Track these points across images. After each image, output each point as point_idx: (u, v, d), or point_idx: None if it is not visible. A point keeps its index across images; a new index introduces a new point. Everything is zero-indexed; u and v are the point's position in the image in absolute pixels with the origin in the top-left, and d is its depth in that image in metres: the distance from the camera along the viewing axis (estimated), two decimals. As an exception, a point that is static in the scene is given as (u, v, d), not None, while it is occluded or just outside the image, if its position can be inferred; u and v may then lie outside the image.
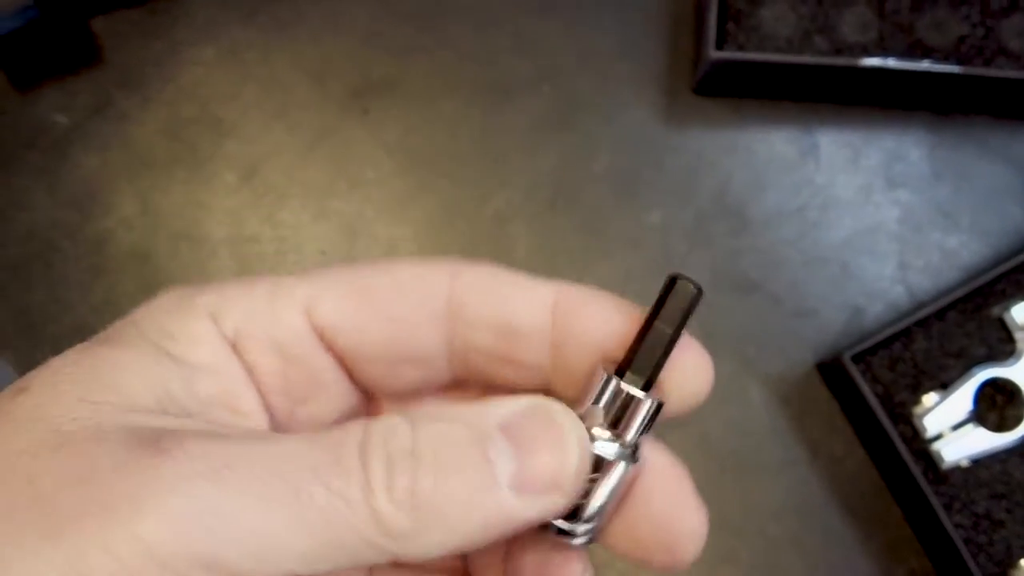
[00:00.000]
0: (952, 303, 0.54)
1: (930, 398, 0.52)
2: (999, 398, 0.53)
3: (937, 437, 0.51)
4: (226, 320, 0.24)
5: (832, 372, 0.55)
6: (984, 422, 0.52)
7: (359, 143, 0.58)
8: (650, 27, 0.59)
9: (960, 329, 0.54)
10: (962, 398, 0.52)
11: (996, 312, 0.53)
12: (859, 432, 0.55)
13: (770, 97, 0.58)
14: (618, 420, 0.24)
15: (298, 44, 0.59)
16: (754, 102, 0.58)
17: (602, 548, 0.25)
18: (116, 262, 0.57)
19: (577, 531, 0.24)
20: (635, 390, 0.24)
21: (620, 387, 0.24)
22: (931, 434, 0.51)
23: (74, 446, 0.20)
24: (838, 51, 0.55)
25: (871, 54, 0.55)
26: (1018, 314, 0.52)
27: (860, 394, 0.52)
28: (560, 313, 0.25)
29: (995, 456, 0.52)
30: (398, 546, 0.21)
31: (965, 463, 0.52)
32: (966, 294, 0.53)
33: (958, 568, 0.50)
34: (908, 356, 0.54)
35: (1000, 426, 0.52)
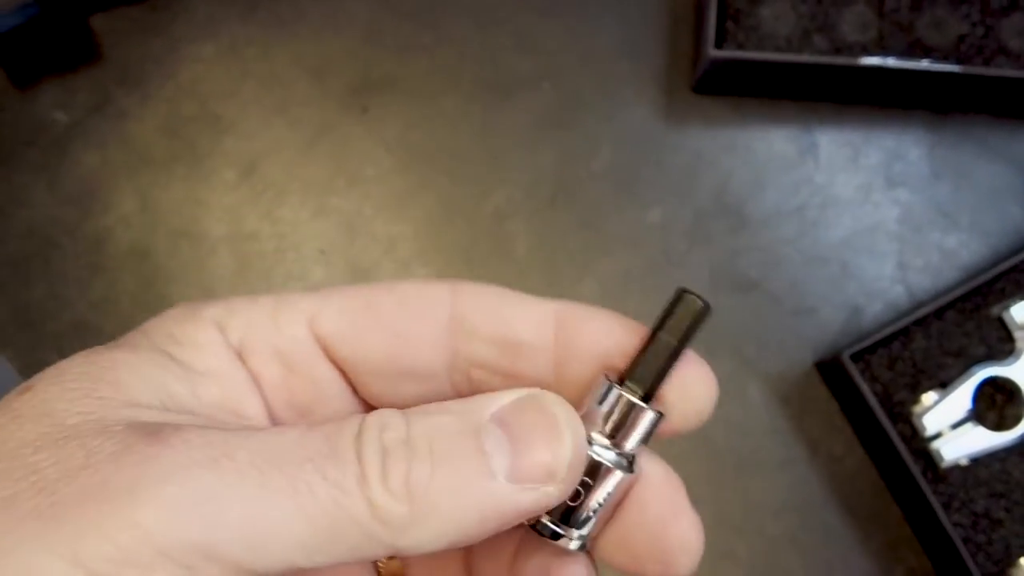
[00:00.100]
0: (951, 302, 0.54)
1: (929, 397, 0.52)
2: (998, 397, 0.53)
3: (936, 436, 0.51)
4: (232, 330, 0.25)
5: (831, 371, 0.55)
6: (983, 421, 0.52)
7: (359, 140, 0.58)
8: (650, 26, 0.59)
9: (959, 328, 0.54)
10: (961, 397, 0.52)
11: (995, 311, 0.53)
12: (858, 431, 0.55)
13: (769, 96, 0.58)
14: (617, 428, 0.24)
15: (298, 41, 0.59)
16: (753, 101, 0.58)
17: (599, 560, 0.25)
18: (115, 259, 0.57)
19: (571, 535, 0.24)
20: (635, 399, 0.24)
21: (621, 395, 0.24)
22: (930, 433, 0.51)
23: (77, 439, 0.20)
24: (837, 50, 0.56)
25: (870, 53, 0.55)
26: (1017, 313, 0.52)
27: (859, 393, 0.52)
28: (563, 328, 0.25)
29: (994, 455, 0.52)
30: (394, 537, 0.21)
31: (964, 462, 0.52)
32: (965, 293, 0.53)
33: (957, 567, 0.50)
34: (907, 355, 0.54)
35: (999, 425, 0.52)
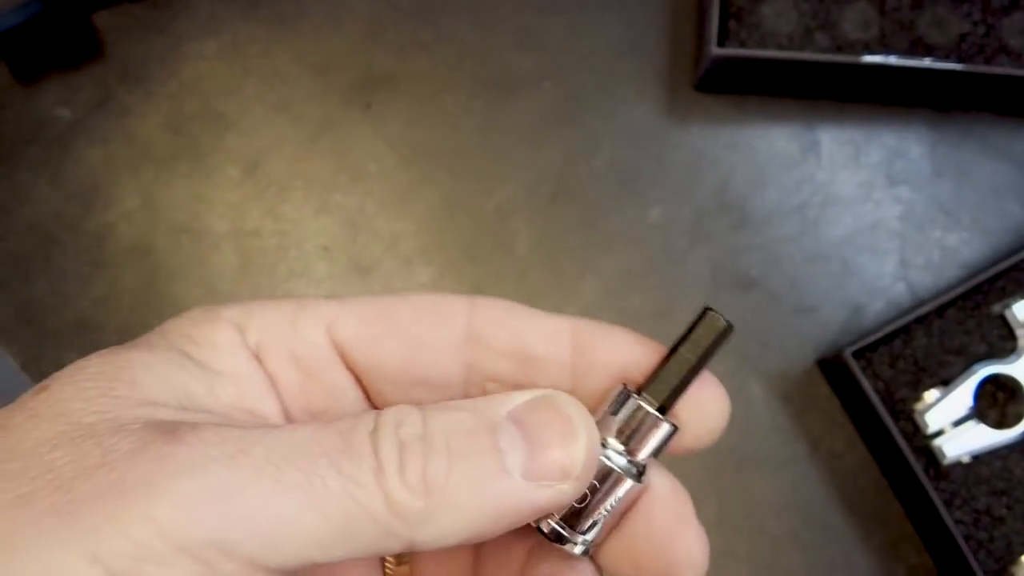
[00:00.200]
0: (952, 300, 0.54)
1: (931, 395, 0.52)
2: (1000, 395, 0.53)
3: (938, 433, 0.51)
4: (250, 332, 0.25)
5: (833, 369, 0.55)
6: (985, 419, 0.52)
7: (361, 137, 0.58)
8: (652, 24, 0.59)
9: (960, 326, 0.54)
10: (963, 395, 0.52)
11: (996, 309, 0.53)
12: (860, 428, 0.55)
13: (771, 94, 0.58)
14: (630, 438, 0.24)
15: (300, 38, 0.59)
16: (755, 99, 0.58)
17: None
18: (117, 256, 0.57)
19: (575, 539, 0.24)
20: (651, 409, 0.24)
21: (638, 405, 0.24)
22: (932, 431, 0.51)
23: (93, 437, 0.20)
24: (839, 48, 0.56)
25: (872, 51, 0.55)
26: (1019, 311, 0.52)
27: (861, 390, 0.52)
28: (579, 344, 0.25)
29: (995, 452, 0.52)
30: (410, 531, 0.21)
31: (965, 459, 0.52)
32: (966, 291, 0.53)
33: (958, 564, 0.50)
34: (909, 353, 0.54)
35: (1000, 423, 0.52)
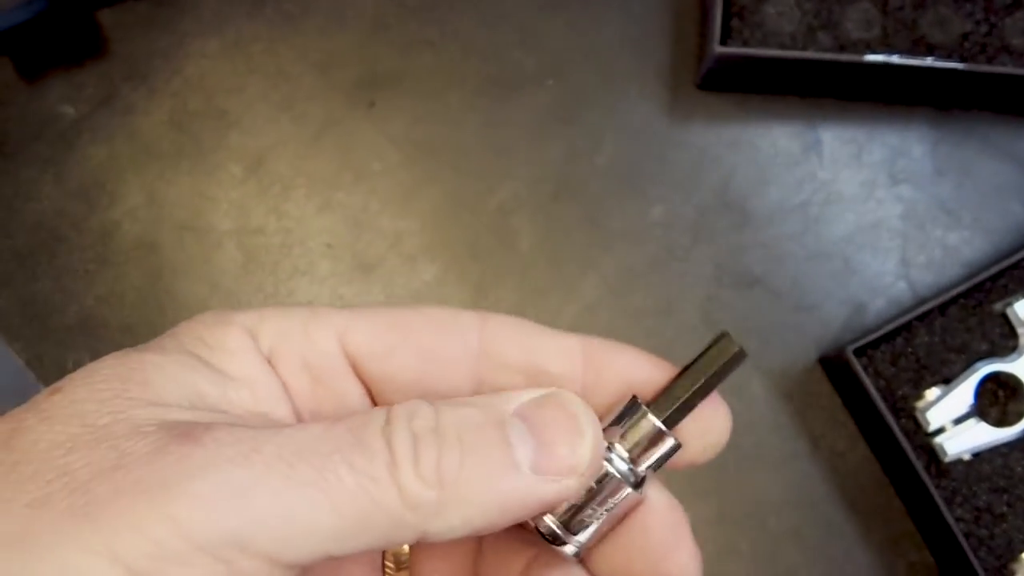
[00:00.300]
0: (954, 298, 0.54)
1: (932, 392, 0.52)
2: (1001, 393, 0.53)
3: (939, 431, 0.52)
4: (263, 337, 0.25)
5: (834, 366, 0.55)
6: (986, 417, 0.52)
7: (365, 135, 0.58)
8: (654, 22, 0.59)
9: (962, 324, 0.54)
10: (964, 393, 0.52)
11: (998, 307, 0.53)
12: (861, 426, 0.55)
13: (774, 92, 0.58)
14: (634, 447, 0.25)
15: (304, 36, 0.59)
16: (758, 97, 0.59)
17: None
18: (122, 253, 0.57)
19: (568, 540, 0.25)
20: (658, 422, 0.25)
21: (646, 416, 0.25)
22: (933, 428, 0.52)
23: (108, 439, 0.21)
24: (842, 47, 0.56)
25: (874, 50, 0.56)
26: (1020, 309, 0.52)
27: (862, 388, 0.52)
28: (591, 360, 0.26)
29: (996, 450, 0.52)
30: (424, 522, 0.21)
31: (966, 457, 0.52)
32: (968, 289, 0.54)
33: (959, 562, 0.51)
34: (910, 351, 0.54)
35: (1001, 421, 0.52)
